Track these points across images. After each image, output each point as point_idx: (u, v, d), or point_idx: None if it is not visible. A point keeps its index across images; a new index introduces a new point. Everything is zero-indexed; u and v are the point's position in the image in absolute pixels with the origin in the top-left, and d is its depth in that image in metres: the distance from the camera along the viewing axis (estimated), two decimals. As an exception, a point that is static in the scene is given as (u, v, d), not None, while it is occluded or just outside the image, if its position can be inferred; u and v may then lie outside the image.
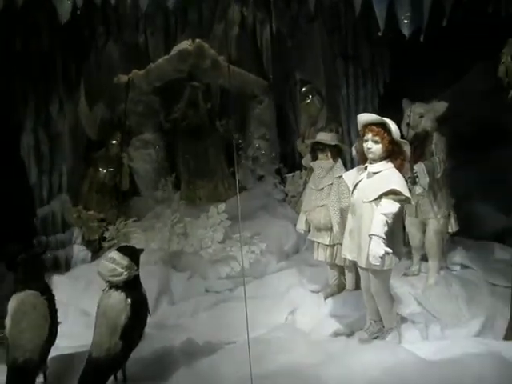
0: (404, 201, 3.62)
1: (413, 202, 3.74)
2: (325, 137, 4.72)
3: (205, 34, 5.96)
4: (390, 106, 5.36)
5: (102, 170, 6.15)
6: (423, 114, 4.89)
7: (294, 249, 5.76)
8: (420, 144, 4.94)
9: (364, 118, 3.74)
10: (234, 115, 6.58)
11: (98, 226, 5.65)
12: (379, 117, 3.67)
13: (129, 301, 3.29)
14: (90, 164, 6.26)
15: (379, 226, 3.50)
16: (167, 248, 5.13)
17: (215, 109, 6.57)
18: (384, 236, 3.48)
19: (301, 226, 4.94)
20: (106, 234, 5.52)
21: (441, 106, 4.89)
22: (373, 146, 3.67)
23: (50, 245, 5.31)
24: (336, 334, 4.27)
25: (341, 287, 4.91)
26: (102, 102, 6.32)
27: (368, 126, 3.70)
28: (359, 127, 3.78)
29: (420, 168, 4.76)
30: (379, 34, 4.02)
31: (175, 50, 6.19)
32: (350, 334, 4.30)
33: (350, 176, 3.97)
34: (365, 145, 3.71)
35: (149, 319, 4.72)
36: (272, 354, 3.75)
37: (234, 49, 6.53)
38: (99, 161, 6.25)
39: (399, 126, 4.89)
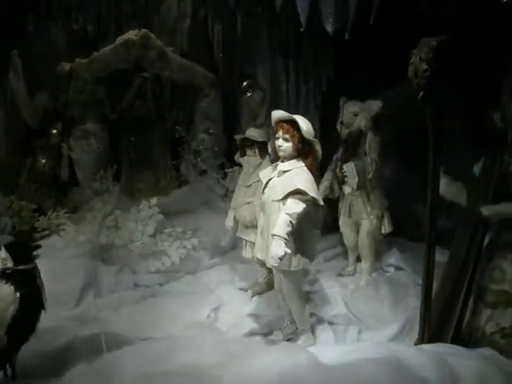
0: (310, 201, 3.54)
1: (322, 203, 3.64)
2: (253, 133, 4.65)
3: (143, 24, 5.83)
4: (333, 104, 5.26)
5: (41, 160, 6.07)
6: (357, 113, 4.81)
7: (230, 245, 5.70)
8: (354, 143, 4.88)
9: (276, 114, 3.65)
10: (182, 108, 6.48)
11: (31, 216, 5.57)
12: (289, 114, 3.59)
13: (18, 294, 3.19)
14: (30, 153, 6.19)
15: (282, 226, 3.42)
16: (96, 241, 5.05)
17: (164, 100, 6.46)
18: (286, 236, 3.41)
19: (229, 222, 4.89)
20: (38, 225, 5.44)
21: (375, 105, 4.80)
22: (283, 144, 3.60)
23: (-23, 234, 5.23)
24: (252, 334, 4.21)
25: (270, 285, 4.84)
26: (44, 91, 6.23)
27: (280, 122, 3.62)
28: (273, 124, 3.70)
29: (349, 167, 4.70)
30: (301, 29, 3.93)
31: (120, 39, 6.08)
32: (269, 334, 4.24)
33: (264, 174, 3.90)
34: (276, 142, 3.64)
35: (69, 312, 4.75)
36: (176, 352, 3.66)
37: (184, 41, 6.43)
38: (39, 150, 6.17)
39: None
